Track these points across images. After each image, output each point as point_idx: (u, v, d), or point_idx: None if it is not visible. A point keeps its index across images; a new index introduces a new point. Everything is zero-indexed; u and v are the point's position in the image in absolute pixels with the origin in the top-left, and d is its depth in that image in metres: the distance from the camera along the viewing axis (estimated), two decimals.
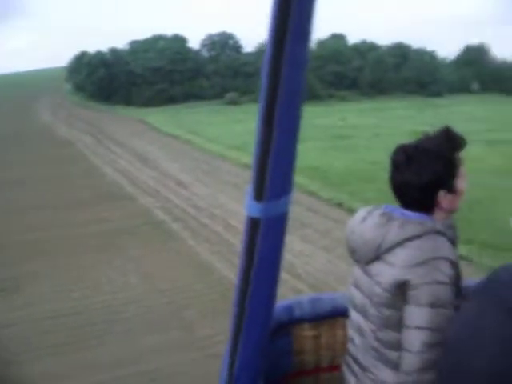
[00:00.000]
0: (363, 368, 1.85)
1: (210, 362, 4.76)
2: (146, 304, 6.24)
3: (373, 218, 1.77)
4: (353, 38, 53.86)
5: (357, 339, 1.89)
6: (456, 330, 1.26)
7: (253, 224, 1.43)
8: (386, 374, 1.75)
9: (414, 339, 1.62)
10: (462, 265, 1.82)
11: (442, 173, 1.72)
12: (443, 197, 1.74)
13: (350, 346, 1.97)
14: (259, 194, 1.37)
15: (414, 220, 1.70)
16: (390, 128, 24.12)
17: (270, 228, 1.44)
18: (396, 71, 48.56)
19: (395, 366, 1.71)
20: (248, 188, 1.41)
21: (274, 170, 1.33)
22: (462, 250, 7.64)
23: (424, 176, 1.70)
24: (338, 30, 52.87)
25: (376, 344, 1.77)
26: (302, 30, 1.21)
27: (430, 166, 1.70)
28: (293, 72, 1.23)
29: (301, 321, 2.22)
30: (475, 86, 52.89)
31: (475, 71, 53.10)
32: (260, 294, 1.56)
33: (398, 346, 1.69)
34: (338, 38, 51.93)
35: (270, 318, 1.70)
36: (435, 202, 1.75)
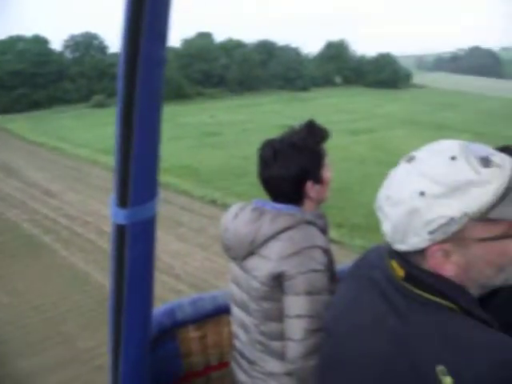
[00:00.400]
0: (251, 362, 1.88)
1: (95, 374, 4.65)
2: (22, 323, 5.88)
3: (245, 214, 1.80)
4: (219, 37, 54.14)
5: (241, 335, 1.92)
6: (332, 313, 1.27)
7: (119, 231, 1.39)
8: (273, 364, 1.81)
9: (296, 328, 1.65)
10: (335, 248, 1.88)
11: (308, 164, 1.76)
12: (311, 187, 1.79)
13: (236, 342, 2.00)
14: (123, 200, 1.33)
15: (285, 212, 1.75)
16: (259, 123, 24.67)
17: (138, 234, 1.40)
18: (263, 68, 49.37)
19: (281, 356, 1.76)
20: (112, 194, 1.37)
21: (136, 175, 1.30)
22: (334, 234, 8.08)
23: (291, 169, 1.75)
24: (204, 29, 52.88)
25: (260, 337, 1.80)
26: (158, 30, 1.18)
27: (297, 158, 1.75)
28: (150, 72, 1.20)
29: (184, 323, 2.19)
30: (338, 79, 55.18)
31: (337, 66, 55.34)
32: (135, 302, 1.52)
33: (281, 337, 1.73)
34: (205, 37, 51.90)
35: (149, 325, 1.65)
36: (304, 193, 1.81)
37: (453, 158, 0.97)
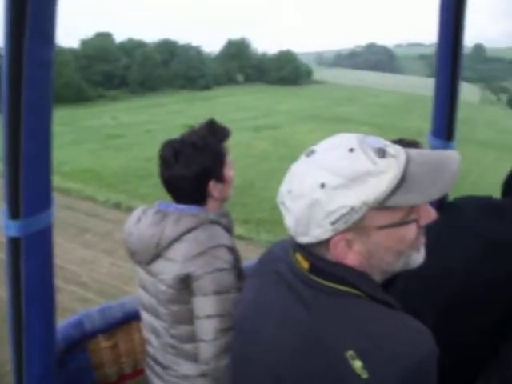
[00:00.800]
0: (164, 367, 1.86)
1: None
2: None
3: (147, 217, 1.78)
4: (119, 37, 53.01)
5: (153, 340, 1.89)
6: (240, 310, 1.28)
7: (13, 244, 1.33)
8: (186, 367, 1.80)
9: (207, 328, 1.66)
10: (242, 244, 1.88)
11: (209, 164, 1.76)
12: (214, 187, 1.80)
13: (148, 348, 1.97)
14: (15, 211, 1.27)
15: (188, 213, 1.75)
16: (162, 124, 24.46)
17: (34, 245, 1.35)
18: (164, 67, 48.85)
19: (194, 358, 1.76)
20: (2, 207, 1.31)
21: (27, 184, 1.25)
22: (241, 230, 8.18)
23: (192, 168, 1.74)
24: (103, 29, 51.52)
25: (172, 341, 1.79)
26: (43, 30, 1.14)
27: (198, 158, 1.74)
28: (36, 75, 1.16)
29: (94, 333, 2.13)
30: (240, 77, 55.77)
31: (239, 64, 56.05)
32: (36, 317, 1.46)
33: (193, 339, 1.73)
34: (104, 37, 50.34)
35: (52, 339, 1.58)
36: (207, 193, 1.81)
37: (351, 150, 1.00)
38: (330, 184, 0.98)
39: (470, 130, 30.07)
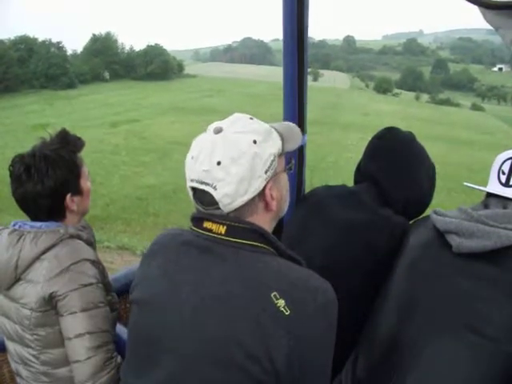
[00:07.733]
0: None
1: None
2: None
3: (2, 239, 1.67)
4: None
5: (22, 370, 1.77)
6: (146, 289, 1.24)
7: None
8: None
9: (79, 348, 1.58)
10: None
11: (64, 177, 1.67)
12: (71, 200, 1.72)
13: (18, 381, 1.84)
14: None
15: (46, 230, 1.67)
16: (12, 125, 23.74)
17: None
18: (22, 66, 46.97)
19: (71, 382, 1.66)
20: None
21: None
22: None
23: (47, 183, 1.64)
24: None
25: (43, 368, 1.69)
26: None
27: (52, 171, 1.64)
28: None
29: None
30: (106, 74, 55.04)
31: (105, 60, 55.31)
32: None
33: (66, 362, 1.64)
34: None
35: None
36: (64, 207, 1.73)
37: (251, 119, 1.23)
38: (258, 139, 1.16)
39: (336, 114, 31.68)
